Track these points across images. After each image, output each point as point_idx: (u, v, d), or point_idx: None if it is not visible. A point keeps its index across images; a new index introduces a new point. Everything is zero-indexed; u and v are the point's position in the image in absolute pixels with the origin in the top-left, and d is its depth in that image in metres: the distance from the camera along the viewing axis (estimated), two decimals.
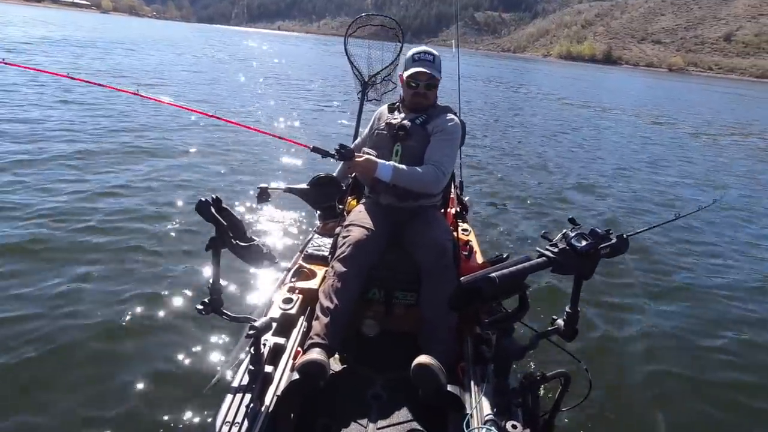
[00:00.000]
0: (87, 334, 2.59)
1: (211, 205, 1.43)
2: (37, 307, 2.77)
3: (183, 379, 2.33)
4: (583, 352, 2.75)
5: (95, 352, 2.47)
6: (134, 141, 6.39)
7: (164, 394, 2.23)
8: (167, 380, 2.32)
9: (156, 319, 2.77)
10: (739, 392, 2.70)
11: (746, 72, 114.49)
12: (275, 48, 42.60)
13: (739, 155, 11.05)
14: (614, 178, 7.53)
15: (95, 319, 2.72)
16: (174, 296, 2.99)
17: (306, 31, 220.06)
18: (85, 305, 2.83)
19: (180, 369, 2.41)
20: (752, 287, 4.05)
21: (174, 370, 2.40)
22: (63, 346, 2.49)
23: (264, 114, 9.92)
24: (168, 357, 2.48)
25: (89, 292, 2.96)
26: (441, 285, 1.85)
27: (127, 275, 3.19)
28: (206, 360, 2.48)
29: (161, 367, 2.40)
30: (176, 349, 2.53)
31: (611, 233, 1.32)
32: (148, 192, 4.71)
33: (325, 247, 2.31)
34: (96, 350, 2.49)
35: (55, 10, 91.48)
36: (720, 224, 5.66)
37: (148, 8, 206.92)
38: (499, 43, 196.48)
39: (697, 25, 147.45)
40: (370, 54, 3.24)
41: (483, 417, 1.42)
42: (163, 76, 13.82)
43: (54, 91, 9.08)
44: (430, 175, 2.04)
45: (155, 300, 2.94)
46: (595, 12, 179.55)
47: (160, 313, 2.83)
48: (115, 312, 2.80)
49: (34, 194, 4.32)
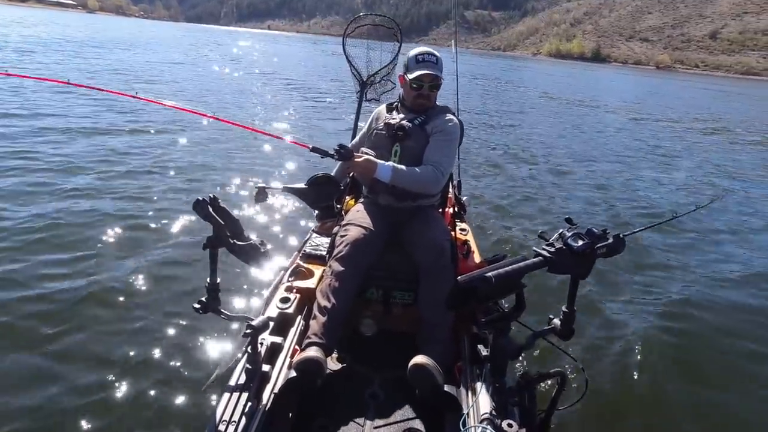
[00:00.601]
0: (82, 333, 2.59)
1: (208, 204, 1.43)
2: (32, 307, 2.75)
3: (180, 378, 2.33)
4: (579, 352, 2.79)
5: (90, 351, 2.47)
6: (130, 141, 6.35)
7: (161, 393, 2.22)
8: (164, 379, 2.31)
9: (152, 318, 2.76)
10: (735, 389, 2.74)
11: (731, 69, 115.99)
12: (268, 48, 42.37)
13: (735, 153, 11.16)
14: (611, 176, 7.58)
15: (90, 318, 2.71)
16: (171, 295, 2.99)
17: (296, 30, 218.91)
18: (79, 304, 2.82)
19: (177, 368, 2.40)
20: (749, 285, 4.09)
21: (171, 369, 2.39)
22: (58, 345, 2.49)
23: (263, 113, 9.90)
24: (165, 356, 2.47)
25: (84, 291, 2.95)
26: (439, 285, 1.86)
27: (123, 274, 3.18)
28: (203, 359, 2.48)
29: (158, 366, 2.40)
30: (173, 348, 2.53)
31: (608, 233, 1.33)
32: (144, 191, 4.70)
33: (323, 246, 2.31)
34: (91, 349, 2.48)
35: (40, 10, 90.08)
36: (718, 222, 5.69)
37: (136, 8, 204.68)
38: (490, 41, 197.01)
39: (684, 24, 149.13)
40: (369, 54, 3.23)
41: (479, 416, 1.43)
42: (160, 76, 13.69)
43: (52, 95, 8.93)
44: (429, 176, 2.05)
45: (152, 299, 2.93)
46: (583, 10, 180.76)
47: (157, 311, 2.82)
48: (111, 311, 2.79)
49: (35, 195, 4.31)
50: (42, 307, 2.76)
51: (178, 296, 2.98)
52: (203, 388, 2.21)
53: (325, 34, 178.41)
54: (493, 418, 1.40)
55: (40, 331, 2.56)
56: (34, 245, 3.43)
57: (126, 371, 2.34)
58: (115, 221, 3.94)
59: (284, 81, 16.64)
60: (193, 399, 2.19)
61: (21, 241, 3.46)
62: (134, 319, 2.74)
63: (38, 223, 3.74)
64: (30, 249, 3.36)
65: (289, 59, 30.00)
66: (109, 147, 6.00)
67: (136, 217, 4.07)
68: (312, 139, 7.89)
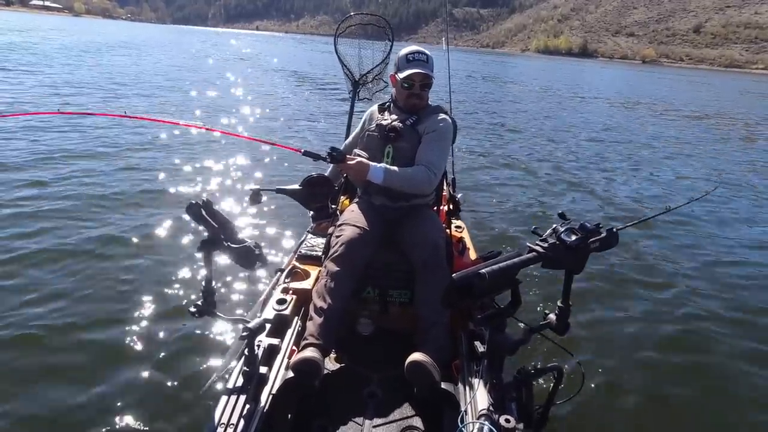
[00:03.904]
0: (80, 336, 2.58)
1: (202, 208, 1.42)
2: (30, 309, 2.75)
3: (177, 381, 2.32)
4: (575, 347, 2.80)
5: (88, 355, 2.46)
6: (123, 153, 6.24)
7: (158, 397, 2.22)
8: (161, 383, 2.30)
9: (149, 323, 2.75)
10: (732, 383, 2.76)
11: (715, 62, 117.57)
12: (259, 48, 42.10)
13: (729, 146, 11.24)
14: (604, 170, 7.63)
15: (87, 322, 2.70)
16: (167, 299, 2.97)
17: (285, 30, 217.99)
18: (77, 308, 2.81)
19: (174, 371, 2.39)
20: (745, 278, 4.11)
21: (168, 372, 2.38)
22: (56, 347, 2.49)
23: (255, 116, 9.80)
24: (162, 360, 2.46)
25: (82, 295, 2.94)
26: (435, 283, 1.87)
27: (120, 279, 3.17)
28: (200, 362, 2.46)
29: (155, 370, 2.39)
30: (170, 352, 2.52)
31: (601, 227, 1.34)
32: (139, 197, 4.67)
33: (319, 247, 2.31)
34: (89, 353, 2.47)
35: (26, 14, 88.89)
36: (712, 215, 5.72)
37: (122, 10, 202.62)
38: (478, 38, 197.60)
39: (668, 18, 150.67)
40: (361, 53, 3.21)
41: (477, 412, 1.43)
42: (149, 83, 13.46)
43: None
44: (422, 176, 2.05)
45: (148, 303, 2.92)
46: (570, 6, 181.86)
47: (153, 316, 2.80)
48: (108, 315, 2.78)
49: (34, 200, 4.32)
50: (36, 309, 2.75)
51: (174, 300, 2.97)
52: (201, 392, 2.20)
53: (314, 33, 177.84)
54: (491, 414, 1.40)
55: (39, 335, 2.56)
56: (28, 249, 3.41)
57: (121, 375, 2.33)
58: (106, 226, 3.92)
59: (280, 80, 16.56)
60: (190, 402, 2.18)
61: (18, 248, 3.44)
62: (129, 323, 2.72)
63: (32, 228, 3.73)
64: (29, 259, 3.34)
65: (282, 57, 29.85)
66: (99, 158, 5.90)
67: (128, 222, 4.04)
68: (307, 139, 7.92)
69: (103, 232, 3.83)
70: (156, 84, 13.15)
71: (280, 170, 5.99)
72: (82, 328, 2.65)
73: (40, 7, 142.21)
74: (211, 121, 8.78)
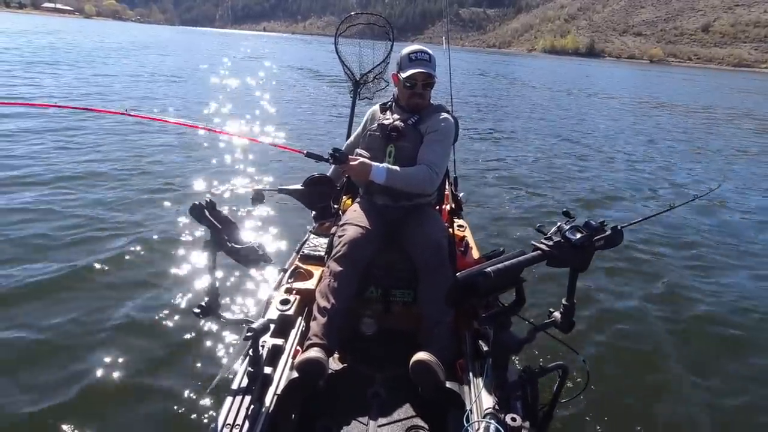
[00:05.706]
0: (83, 338, 2.58)
1: (205, 208, 1.42)
2: (33, 311, 2.76)
3: (181, 382, 2.32)
4: (580, 345, 2.79)
5: (92, 356, 2.46)
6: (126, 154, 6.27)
7: (163, 399, 2.22)
8: (166, 384, 2.31)
9: (153, 324, 2.75)
10: (737, 380, 2.74)
11: (724, 61, 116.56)
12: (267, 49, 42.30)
13: (734, 144, 11.15)
14: (609, 169, 7.59)
15: (89, 322, 2.71)
16: (170, 300, 2.98)
17: (292, 31, 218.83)
18: (81, 310, 2.82)
19: (178, 372, 2.39)
20: (751, 275, 4.08)
21: (172, 373, 2.39)
22: (58, 348, 2.49)
23: (259, 117, 9.82)
24: (166, 361, 2.47)
25: (86, 296, 2.95)
26: (438, 282, 1.86)
27: (123, 280, 3.18)
28: (204, 363, 2.47)
29: (160, 372, 2.39)
30: (174, 353, 2.52)
31: (606, 225, 1.33)
32: (143, 199, 4.69)
33: (321, 247, 2.30)
34: (93, 354, 2.47)
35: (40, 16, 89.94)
36: (716, 213, 5.69)
37: (132, 12, 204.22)
38: (485, 39, 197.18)
39: (676, 17, 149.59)
40: (361, 53, 3.21)
41: (483, 411, 1.42)
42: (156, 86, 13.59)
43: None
44: (424, 176, 2.04)
45: (152, 305, 2.92)
46: (577, 6, 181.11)
47: (157, 317, 2.81)
48: (112, 316, 2.78)
49: (34, 201, 4.32)
50: (38, 311, 2.77)
51: (178, 301, 2.98)
52: (205, 393, 2.21)
53: (320, 34, 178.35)
54: (496, 413, 1.40)
55: (41, 337, 2.56)
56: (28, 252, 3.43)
57: (127, 378, 2.33)
58: (111, 228, 3.93)
59: (285, 81, 16.62)
60: (195, 403, 2.19)
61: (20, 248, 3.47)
62: (134, 325, 2.73)
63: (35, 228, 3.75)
64: (29, 258, 3.36)
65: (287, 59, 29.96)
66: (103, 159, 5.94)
67: (132, 224, 4.05)
68: (308, 139, 7.93)
69: (104, 233, 3.84)
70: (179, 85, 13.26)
71: (282, 171, 6.01)
72: (84, 328, 2.66)
73: (51, 9, 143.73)
74: (221, 122, 8.85)
